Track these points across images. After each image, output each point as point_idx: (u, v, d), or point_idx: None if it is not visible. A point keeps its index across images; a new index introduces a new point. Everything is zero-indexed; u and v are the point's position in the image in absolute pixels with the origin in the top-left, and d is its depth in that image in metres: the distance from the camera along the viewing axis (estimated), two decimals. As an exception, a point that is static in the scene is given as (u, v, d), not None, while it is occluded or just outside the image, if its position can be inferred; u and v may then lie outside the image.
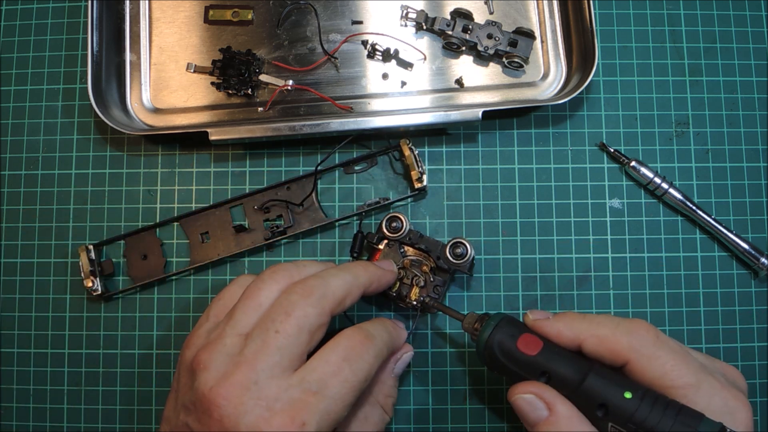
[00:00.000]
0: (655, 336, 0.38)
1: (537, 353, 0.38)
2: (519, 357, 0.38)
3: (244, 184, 0.52)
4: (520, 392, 0.37)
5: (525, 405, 0.37)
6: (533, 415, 0.37)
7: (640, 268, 0.51)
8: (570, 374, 0.37)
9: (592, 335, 0.38)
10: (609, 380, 0.36)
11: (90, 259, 0.50)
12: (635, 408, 0.35)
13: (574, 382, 0.37)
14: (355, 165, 0.52)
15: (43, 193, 0.53)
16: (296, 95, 0.53)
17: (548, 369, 0.38)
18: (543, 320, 0.39)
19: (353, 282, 0.40)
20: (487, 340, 0.39)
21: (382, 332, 0.40)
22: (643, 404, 0.35)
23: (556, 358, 0.38)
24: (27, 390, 0.50)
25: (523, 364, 0.38)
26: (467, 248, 0.47)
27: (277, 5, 0.55)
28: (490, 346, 0.39)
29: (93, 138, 0.53)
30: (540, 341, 0.39)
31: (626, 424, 0.35)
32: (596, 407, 0.36)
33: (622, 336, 0.37)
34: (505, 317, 0.40)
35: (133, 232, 0.51)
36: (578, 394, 0.36)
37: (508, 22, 0.54)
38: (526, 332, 0.39)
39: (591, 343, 0.38)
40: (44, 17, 0.55)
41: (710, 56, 0.54)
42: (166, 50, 0.54)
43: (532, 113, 0.53)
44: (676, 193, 0.51)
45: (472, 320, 0.42)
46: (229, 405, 0.34)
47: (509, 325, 0.40)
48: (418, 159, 0.50)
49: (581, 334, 0.38)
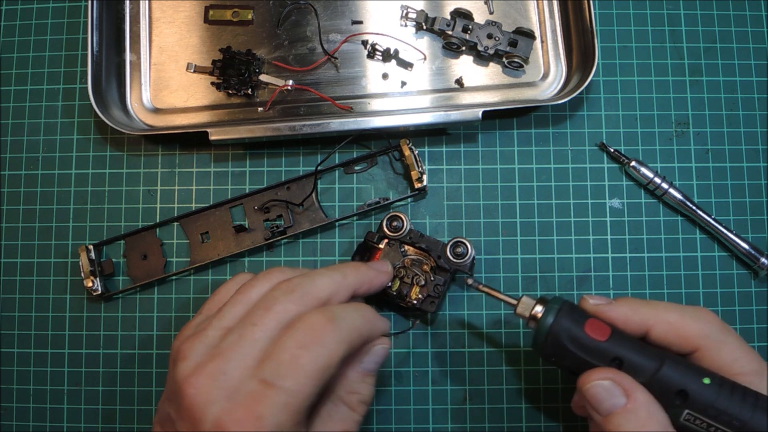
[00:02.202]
0: (721, 323, 0.37)
1: (606, 339, 0.36)
2: (588, 343, 0.36)
3: (244, 184, 0.52)
4: (597, 378, 0.35)
5: (602, 392, 0.35)
6: (609, 402, 0.35)
7: (640, 268, 0.51)
8: (645, 361, 0.35)
9: (662, 321, 0.37)
10: (686, 367, 0.35)
11: (90, 259, 0.50)
12: (716, 394, 0.34)
13: (650, 369, 0.35)
14: (355, 165, 0.52)
15: (43, 193, 0.53)
16: (296, 95, 0.53)
17: (621, 356, 0.36)
18: (606, 305, 0.38)
19: (341, 282, 0.39)
20: (552, 326, 0.37)
21: (351, 316, 0.38)
22: (722, 391, 0.34)
23: (628, 344, 0.36)
24: (27, 390, 0.50)
25: (593, 351, 0.36)
26: (468, 248, 0.47)
27: (277, 5, 0.55)
28: (556, 333, 0.37)
29: (93, 138, 0.53)
30: (607, 327, 0.37)
31: (706, 410, 0.34)
32: (673, 395, 0.34)
33: (693, 322, 0.37)
34: (566, 302, 0.38)
35: (133, 232, 0.51)
36: (654, 381, 0.35)
37: (508, 22, 0.54)
38: (590, 317, 0.37)
39: (661, 329, 0.37)
40: (44, 17, 0.55)
41: (710, 56, 0.54)
42: (166, 50, 0.54)
43: (532, 113, 0.53)
44: (676, 193, 0.51)
45: (528, 305, 0.39)
46: (198, 394, 0.34)
47: (573, 311, 0.37)
48: (418, 159, 0.50)
49: (649, 320, 0.37)
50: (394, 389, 0.49)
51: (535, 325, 0.38)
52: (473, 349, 0.50)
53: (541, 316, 0.38)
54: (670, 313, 0.37)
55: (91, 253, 0.50)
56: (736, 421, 0.33)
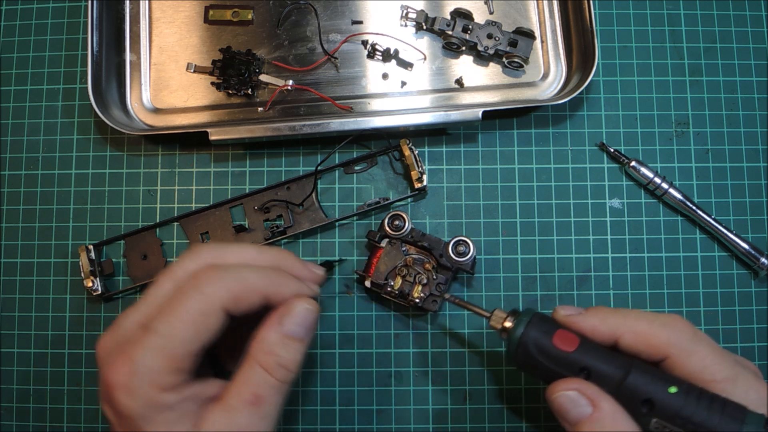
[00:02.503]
0: (692, 330, 0.37)
1: (574, 350, 0.37)
2: (556, 354, 0.37)
3: (244, 184, 0.52)
4: (563, 389, 0.36)
5: (567, 402, 0.35)
6: (575, 412, 0.35)
7: (640, 268, 0.51)
8: (612, 370, 0.36)
9: (629, 330, 0.37)
10: (652, 375, 0.35)
11: (90, 259, 0.50)
12: (682, 403, 0.34)
13: (616, 378, 0.36)
14: (355, 165, 0.52)
15: (43, 193, 0.53)
16: (296, 95, 0.53)
17: (588, 366, 0.36)
18: (576, 316, 0.38)
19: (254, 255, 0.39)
20: (521, 337, 0.38)
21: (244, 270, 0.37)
22: (689, 398, 0.34)
23: (595, 354, 0.37)
24: (27, 390, 0.50)
25: (561, 361, 0.37)
26: (469, 246, 0.47)
27: (277, 5, 0.55)
28: (525, 344, 0.37)
29: (93, 138, 0.53)
30: (576, 337, 0.37)
31: (673, 419, 0.34)
32: (640, 403, 0.35)
33: (661, 330, 0.37)
34: (536, 313, 0.39)
35: (133, 232, 0.51)
36: (621, 390, 0.35)
37: (508, 22, 0.54)
38: (560, 328, 0.38)
39: (629, 338, 0.37)
40: (44, 17, 0.55)
41: (710, 56, 0.54)
42: (166, 50, 0.54)
43: (532, 113, 0.53)
44: (676, 193, 0.51)
45: (500, 317, 0.40)
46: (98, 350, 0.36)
47: (542, 322, 0.38)
48: (418, 159, 0.50)
49: (618, 329, 0.37)
50: (394, 389, 0.49)
51: (506, 337, 0.39)
52: (473, 349, 0.50)
53: (511, 327, 0.39)
54: (639, 322, 0.37)
55: (91, 253, 0.50)
56: (703, 429, 0.34)
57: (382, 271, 0.47)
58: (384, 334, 0.50)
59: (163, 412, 0.34)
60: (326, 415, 0.49)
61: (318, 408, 0.49)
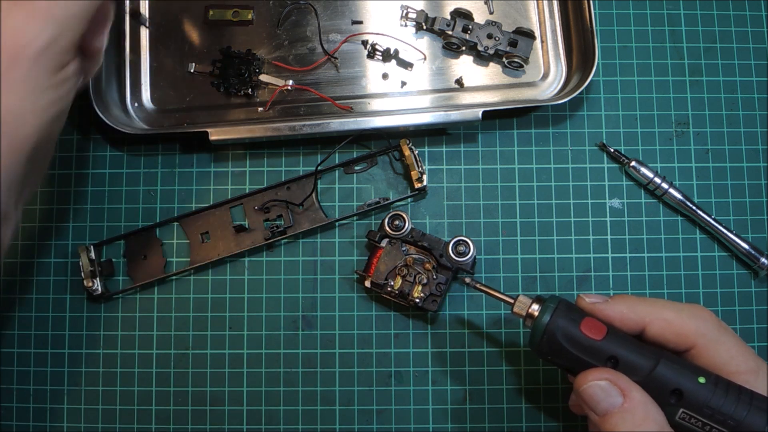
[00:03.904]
0: (717, 321, 0.37)
1: (602, 338, 0.36)
2: (584, 342, 0.36)
3: (244, 184, 0.52)
4: (594, 378, 0.35)
5: (599, 392, 0.35)
6: (606, 402, 0.35)
7: (640, 268, 0.51)
8: (641, 360, 0.35)
9: (658, 318, 0.37)
10: (681, 365, 0.35)
11: (90, 259, 0.50)
12: (711, 393, 0.34)
13: (645, 367, 0.35)
14: (355, 165, 0.52)
15: (43, 193, 0.53)
16: (296, 95, 0.53)
17: (616, 354, 0.36)
18: (602, 303, 0.38)
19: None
20: (548, 325, 0.37)
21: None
22: (718, 389, 0.34)
23: (624, 343, 0.36)
24: (27, 390, 0.50)
25: (589, 349, 0.36)
26: (470, 246, 0.47)
27: (277, 5, 0.55)
28: (552, 332, 0.36)
29: (93, 138, 0.53)
30: (603, 325, 0.37)
31: (701, 409, 0.34)
32: (669, 394, 0.34)
33: (690, 320, 0.36)
34: (562, 300, 0.38)
35: (133, 232, 0.51)
36: (649, 380, 0.35)
37: (508, 22, 0.54)
38: (587, 316, 0.37)
39: (657, 326, 0.37)
40: (44, 17, 0.55)
41: (710, 56, 0.54)
42: (166, 50, 0.54)
43: (532, 113, 0.53)
44: (676, 193, 0.51)
45: (525, 304, 0.39)
46: None
47: (569, 309, 0.37)
48: (418, 159, 0.50)
49: (646, 318, 0.37)
50: (394, 389, 0.49)
51: (532, 324, 0.38)
52: (473, 349, 0.50)
53: (537, 314, 0.38)
54: (667, 311, 0.37)
55: (91, 253, 0.50)
56: (731, 420, 0.33)
57: (382, 271, 0.47)
58: (384, 334, 0.50)
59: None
60: (326, 415, 0.49)
61: (318, 408, 0.49)
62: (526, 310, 0.39)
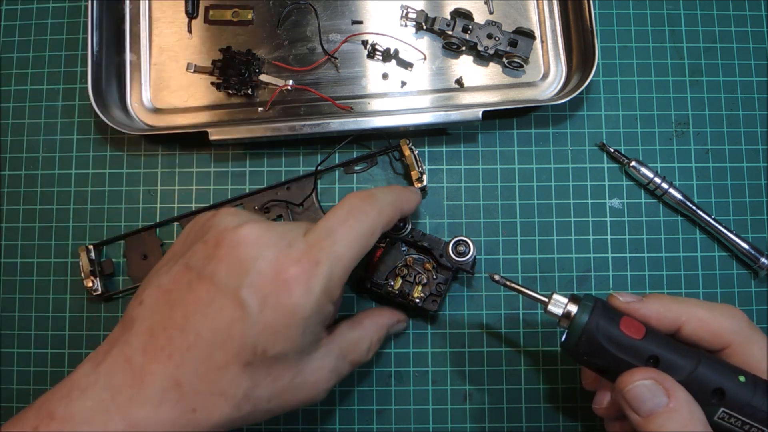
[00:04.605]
0: (749, 320, 0.37)
1: (642, 337, 0.35)
2: (625, 342, 0.35)
3: (244, 184, 0.52)
4: (640, 378, 0.35)
5: (645, 392, 0.34)
6: (652, 402, 0.34)
7: (640, 268, 0.51)
8: (682, 359, 0.35)
9: (694, 317, 0.37)
10: (722, 365, 0.35)
11: (90, 259, 0.50)
12: (752, 392, 0.34)
13: (687, 367, 0.35)
14: (355, 165, 0.52)
15: (43, 193, 0.53)
16: (296, 95, 0.53)
17: (657, 354, 0.35)
18: (638, 303, 0.38)
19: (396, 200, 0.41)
20: (587, 324, 0.36)
21: (385, 193, 0.41)
22: (758, 388, 0.34)
23: (664, 342, 0.36)
24: (27, 390, 0.50)
25: (629, 349, 0.35)
26: (470, 246, 0.47)
27: (277, 5, 0.55)
28: (591, 332, 0.36)
29: (93, 138, 0.53)
30: (641, 325, 0.36)
31: (743, 408, 0.34)
32: (710, 393, 0.34)
33: (724, 319, 0.36)
34: (598, 299, 0.37)
35: (133, 232, 0.51)
36: (691, 379, 0.34)
37: (508, 22, 0.54)
38: (624, 315, 0.36)
39: (693, 325, 0.36)
40: (44, 17, 0.55)
41: (710, 56, 0.54)
42: (166, 50, 0.54)
43: (532, 113, 0.53)
44: (676, 193, 0.51)
45: (561, 303, 0.38)
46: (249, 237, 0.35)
47: (607, 308, 0.37)
48: (418, 159, 0.50)
49: (681, 317, 0.37)
50: (394, 389, 0.49)
51: (568, 324, 0.37)
52: (473, 349, 0.50)
53: (575, 314, 0.37)
54: (702, 310, 0.37)
55: (91, 253, 0.50)
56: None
57: (382, 271, 0.47)
58: (384, 334, 0.50)
59: (321, 321, 0.36)
60: (326, 415, 0.49)
61: (318, 408, 0.49)
62: (563, 310, 0.37)
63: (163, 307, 0.35)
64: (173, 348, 0.33)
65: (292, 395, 0.36)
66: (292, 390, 0.36)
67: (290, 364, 0.35)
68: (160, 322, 0.34)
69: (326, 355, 0.38)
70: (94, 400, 0.33)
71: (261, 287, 0.33)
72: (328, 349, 0.38)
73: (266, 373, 0.34)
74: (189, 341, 0.33)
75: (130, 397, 0.33)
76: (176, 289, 0.35)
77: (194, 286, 0.34)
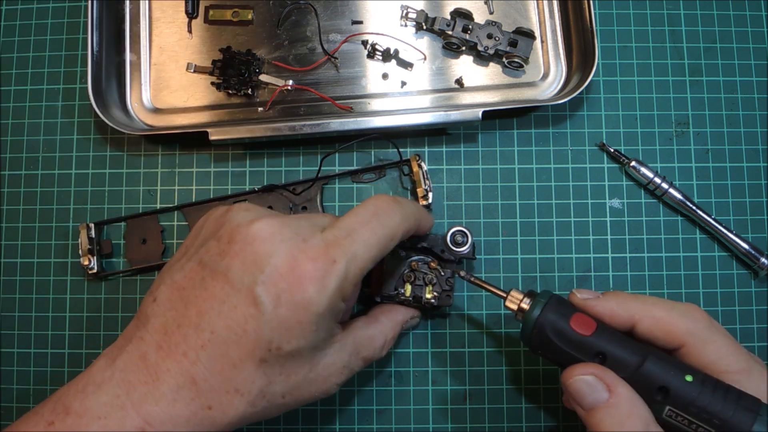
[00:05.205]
0: (709, 320, 0.37)
1: (591, 334, 0.36)
2: (573, 337, 0.36)
3: (244, 184, 0.52)
4: (580, 373, 0.35)
5: (584, 387, 0.35)
6: (592, 397, 0.35)
7: (640, 268, 0.51)
8: (628, 356, 0.36)
9: (648, 316, 0.37)
10: (668, 363, 0.35)
11: (89, 237, 0.50)
12: (698, 392, 0.34)
13: (632, 364, 0.35)
14: (364, 174, 0.52)
15: (43, 193, 0.53)
16: (296, 95, 0.53)
17: (604, 350, 0.36)
18: (593, 299, 0.38)
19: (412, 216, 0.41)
20: (538, 319, 0.37)
21: (409, 203, 0.41)
22: (705, 388, 0.34)
23: (612, 339, 0.36)
24: (27, 390, 0.50)
25: (577, 345, 0.36)
26: (466, 234, 0.47)
27: (277, 5, 0.55)
28: (541, 326, 0.37)
29: (93, 138, 0.53)
30: (593, 321, 0.37)
31: (688, 407, 0.34)
32: (655, 391, 0.35)
33: (680, 318, 0.37)
34: (553, 295, 0.38)
35: (135, 215, 0.51)
36: (636, 376, 0.35)
37: (508, 22, 0.54)
38: (576, 311, 0.37)
39: (647, 323, 0.37)
40: (44, 17, 0.55)
41: (710, 56, 0.54)
42: (166, 50, 0.54)
43: (532, 113, 0.53)
44: (676, 193, 0.51)
45: (517, 298, 0.39)
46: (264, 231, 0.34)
47: (560, 304, 0.38)
48: (426, 176, 0.50)
49: (636, 315, 0.37)
50: (394, 389, 0.49)
51: (522, 317, 0.39)
52: (473, 349, 0.50)
53: (528, 308, 0.38)
54: (658, 309, 0.37)
55: (91, 231, 0.50)
56: (717, 419, 0.33)
57: (390, 283, 0.47)
58: (384, 334, 0.50)
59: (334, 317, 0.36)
60: (326, 415, 0.49)
61: (318, 408, 0.49)
62: (518, 304, 0.39)
63: (177, 303, 0.35)
64: (188, 345, 0.33)
65: (305, 390, 0.36)
66: (305, 385, 0.36)
67: (304, 360, 0.35)
68: (175, 319, 0.34)
69: (339, 351, 0.38)
70: (110, 396, 0.33)
71: (275, 284, 0.33)
72: (342, 345, 0.38)
73: (281, 369, 0.34)
74: (203, 339, 0.33)
75: (145, 393, 0.33)
76: (190, 286, 0.35)
77: (208, 283, 0.34)
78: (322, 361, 0.37)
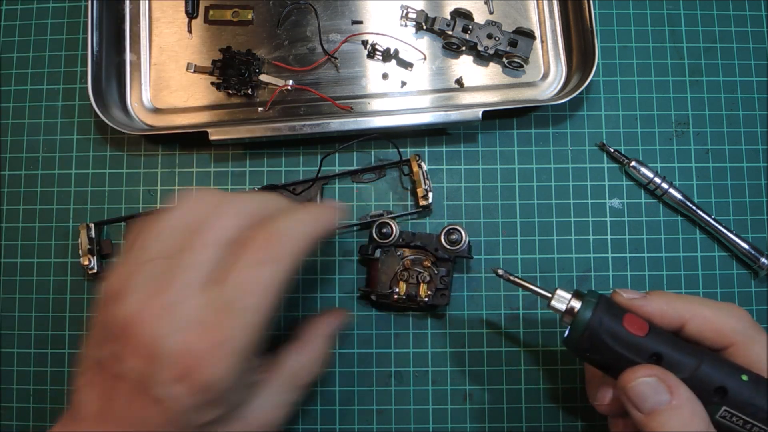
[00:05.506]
0: (751, 319, 0.37)
1: (645, 334, 0.35)
2: (628, 339, 0.35)
3: (244, 184, 0.52)
4: (643, 375, 0.34)
5: (647, 389, 0.34)
6: (654, 400, 0.34)
7: (640, 268, 0.51)
8: (685, 357, 0.35)
9: (698, 315, 0.36)
10: (725, 363, 0.35)
11: (89, 237, 0.50)
12: (754, 391, 0.34)
13: (690, 365, 0.35)
14: (364, 174, 0.52)
15: (43, 193, 0.53)
16: (296, 95, 0.53)
17: (660, 352, 0.35)
18: (642, 299, 0.37)
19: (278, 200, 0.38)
20: (590, 320, 0.36)
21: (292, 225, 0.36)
22: (760, 387, 0.34)
23: (667, 340, 0.35)
24: (27, 390, 0.50)
25: (633, 346, 0.35)
26: (461, 233, 0.46)
27: (277, 5, 0.55)
28: (594, 327, 0.35)
29: (93, 138, 0.53)
30: (644, 322, 0.36)
31: (745, 407, 0.33)
32: (713, 392, 0.34)
33: (728, 318, 0.36)
34: (602, 295, 0.37)
35: (135, 215, 0.51)
36: (694, 377, 0.34)
37: (508, 22, 0.54)
38: (627, 312, 0.36)
39: (697, 323, 0.36)
40: (44, 17, 0.55)
41: (710, 56, 0.54)
42: (166, 50, 0.54)
43: (532, 113, 0.53)
44: (676, 193, 0.51)
45: (565, 298, 0.37)
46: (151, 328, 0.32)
47: (610, 305, 0.36)
48: (426, 176, 0.50)
49: (685, 315, 0.36)
50: (394, 389, 0.49)
51: (571, 320, 0.37)
52: (473, 349, 0.50)
53: (578, 310, 0.37)
54: (706, 309, 0.37)
55: (91, 231, 0.50)
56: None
57: (384, 282, 0.47)
58: (384, 334, 0.50)
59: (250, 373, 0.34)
60: (326, 415, 0.49)
61: (318, 408, 0.49)
62: (566, 306, 0.37)
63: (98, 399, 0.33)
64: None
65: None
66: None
67: (232, 419, 0.34)
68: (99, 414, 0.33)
69: (273, 392, 0.37)
70: None
71: (172, 376, 0.32)
72: (275, 386, 0.37)
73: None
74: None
75: None
76: (99, 383, 0.34)
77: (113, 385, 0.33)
78: (254, 411, 0.36)
